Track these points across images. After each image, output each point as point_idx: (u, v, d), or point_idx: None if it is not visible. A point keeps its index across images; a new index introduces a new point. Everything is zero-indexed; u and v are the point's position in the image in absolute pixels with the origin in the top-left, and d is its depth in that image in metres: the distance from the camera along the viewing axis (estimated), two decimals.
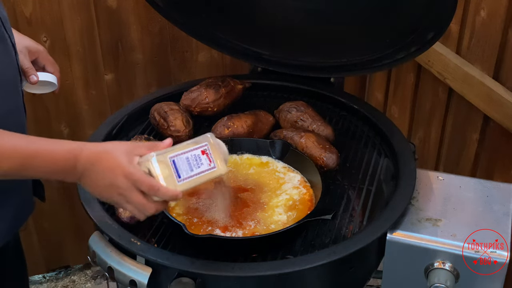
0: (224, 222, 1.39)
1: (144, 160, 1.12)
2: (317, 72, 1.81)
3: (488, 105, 1.88)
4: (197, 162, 1.19)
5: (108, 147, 1.12)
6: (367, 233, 1.31)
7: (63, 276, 2.65)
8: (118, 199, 1.11)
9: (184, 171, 1.17)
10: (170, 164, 1.14)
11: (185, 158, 1.18)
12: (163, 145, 1.15)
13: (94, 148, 1.11)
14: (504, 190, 1.45)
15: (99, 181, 1.10)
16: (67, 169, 1.11)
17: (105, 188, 1.11)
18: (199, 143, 1.22)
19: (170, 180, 1.14)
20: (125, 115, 1.70)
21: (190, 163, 1.18)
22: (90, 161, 1.10)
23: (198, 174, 1.19)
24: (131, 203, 1.11)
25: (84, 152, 1.10)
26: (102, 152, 1.10)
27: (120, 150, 1.10)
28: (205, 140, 1.23)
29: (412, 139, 2.32)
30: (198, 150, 1.21)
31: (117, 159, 1.09)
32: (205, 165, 1.21)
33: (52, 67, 1.55)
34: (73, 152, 1.10)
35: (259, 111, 1.73)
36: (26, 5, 2.07)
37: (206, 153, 1.21)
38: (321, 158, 1.53)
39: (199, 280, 1.22)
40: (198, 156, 1.20)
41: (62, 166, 1.11)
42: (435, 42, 1.51)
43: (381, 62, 1.67)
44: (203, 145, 1.22)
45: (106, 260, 1.28)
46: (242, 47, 1.85)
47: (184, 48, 2.32)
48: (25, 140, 1.12)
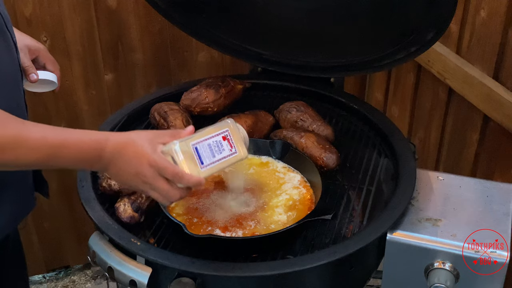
0: (224, 222, 1.39)
1: (168, 148, 1.14)
2: (317, 72, 1.81)
3: (488, 105, 1.88)
4: (219, 148, 1.22)
5: (133, 136, 1.14)
6: (367, 233, 1.31)
7: (63, 276, 2.65)
8: (143, 187, 1.14)
9: (206, 157, 1.19)
10: (193, 151, 1.17)
11: (207, 144, 1.20)
12: (185, 132, 1.18)
13: (119, 138, 1.14)
14: (504, 190, 1.45)
15: (125, 170, 1.13)
16: (94, 158, 1.12)
17: (131, 177, 1.13)
18: (220, 129, 1.24)
19: (193, 167, 1.16)
20: (125, 115, 1.70)
21: (212, 149, 1.21)
22: (115, 150, 1.12)
23: (220, 159, 1.22)
24: (157, 190, 1.13)
25: (110, 142, 1.12)
26: (127, 142, 1.12)
27: (144, 138, 1.13)
28: (226, 126, 1.25)
29: (412, 139, 2.32)
30: (219, 136, 1.23)
31: (142, 148, 1.11)
32: (226, 151, 1.23)
33: (52, 65, 1.56)
34: (99, 142, 1.12)
35: (259, 111, 1.73)
36: (26, 5, 2.07)
37: (227, 139, 1.24)
38: (321, 158, 1.53)
39: (199, 280, 1.22)
40: (219, 142, 1.22)
41: (89, 156, 1.12)
42: (435, 42, 1.51)
43: (381, 62, 1.67)
44: (224, 131, 1.24)
45: (106, 260, 1.28)
46: (242, 47, 1.85)
47: (184, 48, 2.32)
48: (52, 131, 1.13)
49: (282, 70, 1.84)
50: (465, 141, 2.06)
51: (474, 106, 1.95)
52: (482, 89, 1.89)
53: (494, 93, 1.84)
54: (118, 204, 1.41)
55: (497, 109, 1.84)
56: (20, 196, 1.39)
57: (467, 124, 2.04)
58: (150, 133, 1.16)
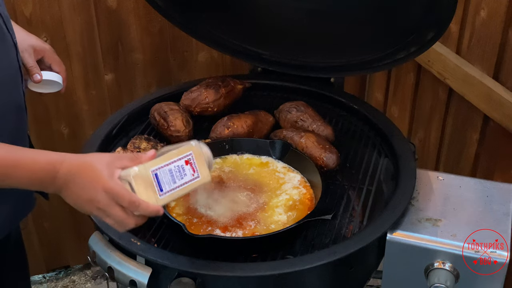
0: (224, 222, 1.39)
1: (126, 174, 1.10)
2: (317, 72, 1.81)
3: (488, 105, 1.88)
4: (180, 174, 1.17)
5: (89, 159, 1.09)
6: (367, 233, 1.31)
7: (63, 276, 2.65)
8: (97, 213, 1.10)
9: (166, 184, 1.15)
10: (152, 178, 1.12)
11: (168, 170, 1.15)
12: (146, 157, 1.13)
13: (75, 160, 1.09)
14: (504, 190, 1.44)
15: (79, 194, 1.08)
16: (47, 180, 1.09)
17: (85, 202, 1.09)
18: (183, 152, 1.19)
19: (151, 194, 1.12)
20: (125, 115, 1.70)
21: (173, 175, 1.16)
22: (70, 173, 1.08)
23: (181, 185, 1.17)
24: (111, 217, 1.09)
25: (65, 164, 1.08)
26: (82, 164, 1.08)
27: (102, 162, 1.08)
28: (189, 148, 1.20)
29: (412, 139, 2.32)
30: (182, 160, 1.18)
31: (98, 172, 1.07)
32: (188, 176, 1.18)
33: (58, 66, 1.55)
34: (53, 163, 1.08)
35: (259, 111, 1.73)
36: (26, 5, 2.07)
37: (190, 163, 1.19)
38: (321, 158, 1.53)
39: (199, 280, 1.22)
40: (181, 167, 1.17)
41: (42, 177, 1.09)
42: (435, 42, 1.51)
43: (381, 62, 1.67)
44: (187, 155, 1.19)
45: (106, 260, 1.28)
46: (242, 47, 1.85)
47: (184, 48, 2.32)
48: (5, 150, 1.10)
49: (282, 70, 1.84)
50: (465, 141, 2.06)
51: (474, 106, 1.95)
52: (482, 89, 1.89)
53: (494, 93, 1.84)
54: None
55: (497, 109, 1.84)
56: (19, 197, 1.38)
57: (467, 124, 2.04)
58: (109, 156, 1.11)
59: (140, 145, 1.59)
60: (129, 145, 1.60)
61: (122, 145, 1.62)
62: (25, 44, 1.46)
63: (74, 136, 2.34)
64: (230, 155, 1.60)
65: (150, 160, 1.13)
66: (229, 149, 1.60)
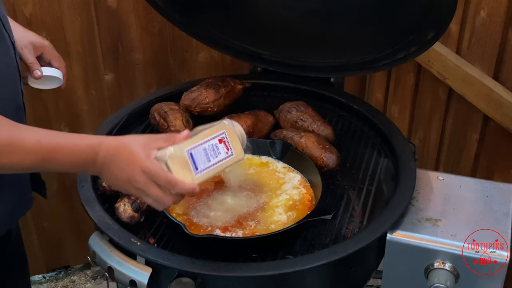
0: (224, 222, 1.39)
1: (162, 154, 1.13)
2: (317, 72, 1.81)
3: (488, 105, 1.88)
4: (214, 152, 1.20)
5: (127, 141, 1.13)
6: (367, 233, 1.32)
7: (63, 276, 2.65)
8: (136, 192, 1.13)
9: (201, 162, 1.17)
10: (187, 157, 1.15)
11: (203, 149, 1.18)
12: (180, 136, 1.16)
13: (113, 142, 1.13)
14: (504, 190, 1.45)
15: (118, 175, 1.12)
16: (87, 162, 1.12)
17: (123, 182, 1.12)
18: (217, 131, 1.22)
19: (187, 173, 1.15)
20: (125, 115, 1.70)
21: (207, 153, 1.19)
22: (109, 155, 1.11)
23: (216, 163, 1.20)
24: (150, 196, 1.13)
25: (103, 146, 1.11)
26: (120, 146, 1.11)
27: (138, 143, 1.12)
28: (223, 127, 1.23)
29: (412, 139, 2.32)
30: (216, 139, 1.21)
31: (135, 153, 1.10)
32: (222, 154, 1.21)
33: (58, 62, 1.56)
34: (92, 146, 1.12)
35: (259, 111, 1.73)
36: (26, 5, 2.07)
37: (223, 141, 1.22)
38: (321, 158, 1.53)
39: (199, 280, 1.22)
40: (215, 145, 1.20)
41: (82, 160, 1.12)
42: (435, 42, 1.51)
43: (381, 62, 1.67)
44: (221, 133, 1.22)
45: (106, 260, 1.28)
46: (242, 47, 1.85)
47: (184, 48, 2.32)
48: (46, 135, 1.12)
49: (282, 70, 1.84)
50: (465, 141, 2.06)
51: (474, 106, 1.95)
52: (482, 89, 1.89)
53: (494, 93, 1.84)
54: (118, 204, 1.41)
55: (497, 109, 1.84)
56: (16, 196, 1.39)
57: (467, 124, 2.04)
58: (145, 138, 1.14)
59: None
60: None
61: None
62: (24, 41, 1.46)
63: None
64: None
65: (184, 140, 1.16)
66: None
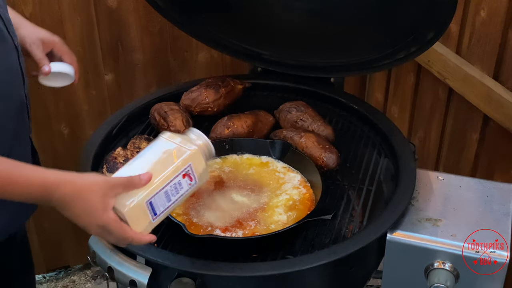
0: (224, 222, 1.39)
1: (120, 207, 1.10)
2: (317, 72, 1.81)
3: (488, 105, 1.88)
4: (176, 190, 1.16)
5: (85, 188, 1.09)
6: (367, 233, 1.31)
7: (63, 276, 2.65)
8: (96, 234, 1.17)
9: (161, 206, 1.14)
10: (146, 208, 1.13)
11: (164, 192, 1.14)
12: (141, 183, 1.12)
13: (70, 187, 1.08)
14: (504, 190, 1.44)
15: (75, 219, 1.11)
16: (41, 200, 1.10)
17: (81, 225, 1.12)
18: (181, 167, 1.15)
19: (144, 221, 1.13)
20: (125, 115, 1.70)
21: (168, 194, 1.15)
22: (64, 201, 1.09)
23: (176, 200, 1.17)
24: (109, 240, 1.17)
25: (59, 191, 1.08)
26: (77, 195, 1.08)
27: (96, 193, 1.08)
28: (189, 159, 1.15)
29: (412, 139, 2.32)
30: (180, 175, 1.15)
31: (92, 206, 1.08)
32: (185, 187, 1.17)
33: (69, 57, 1.52)
34: (47, 187, 1.08)
35: (259, 111, 1.73)
36: (26, 5, 2.07)
37: (187, 175, 1.16)
38: (321, 158, 1.53)
39: (199, 280, 1.22)
40: (178, 182, 1.16)
41: (35, 197, 1.10)
42: (435, 42, 1.51)
43: (381, 62, 1.67)
44: (186, 168, 1.15)
45: (106, 260, 1.28)
46: (242, 47, 1.85)
47: (184, 48, 2.32)
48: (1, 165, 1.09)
49: (282, 70, 1.84)
50: (465, 141, 2.06)
51: (474, 106, 1.95)
52: (482, 89, 1.89)
53: (494, 93, 1.84)
54: None
55: (497, 109, 1.84)
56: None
57: (467, 124, 2.04)
58: (103, 184, 1.09)
59: (140, 145, 1.59)
60: (129, 145, 1.60)
61: (122, 145, 1.62)
62: (33, 37, 1.44)
63: (74, 136, 2.35)
64: (230, 155, 1.60)
65: (145, 184, 1.12)
66: (229, 149, 1.60)
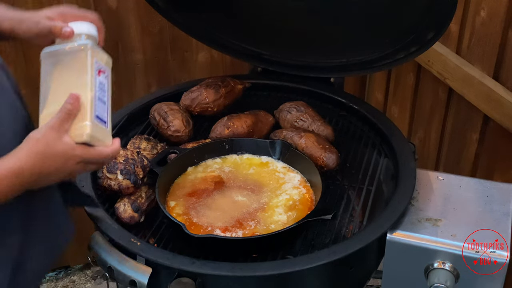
0: (224, 222, 1.39)
1: (77, 137, 1.09)
2: (317, 72, 1.81)
3: (488, 105, 1.88)
4: (103, 90, 1.13)
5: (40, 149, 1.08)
6: (367, 233, 1.31)
7: (63, 276, 2.65)
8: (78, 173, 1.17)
9: (103, 112, 1.13)
10: (97, 122, 1.11)
11: (98, 100, 1.12)
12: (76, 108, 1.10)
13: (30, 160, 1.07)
14: (504, 190, 1.45)
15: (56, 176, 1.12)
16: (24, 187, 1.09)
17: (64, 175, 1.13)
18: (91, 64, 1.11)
19: (104, 135, 1.13)
20: (125, 115, 1.70)
21: (101, 98, 1.13)
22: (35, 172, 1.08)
23: (108, 98, 1.15)
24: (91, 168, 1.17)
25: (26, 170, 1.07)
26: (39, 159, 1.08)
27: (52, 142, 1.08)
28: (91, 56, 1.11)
29: (412, 139, 2.32)
30: (96, 76, 1.12)
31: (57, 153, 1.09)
32: (106, 82, 1.14)
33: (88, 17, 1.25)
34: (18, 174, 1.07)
35: (259, 111, 1.73)
36: (26, 5, 2.07)
37: (101, 71, 1.14)
38: (321, 158, 1.53)
39: (199, 280, 1.22)
40: (100, 83, 1.13)
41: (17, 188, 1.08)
42: (435, 42, 1.51)
43: (381, 62, 1.67)
44: (95, 65, 1.12)
45: (106, 260, 1.28)
46: (242, 47, 1.85)
47: (184, 48, 2.32)
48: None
49: (282, 70, 1.84)
50: (465, 141, 2.06)
51: (474, 106, 1.95)
52: (482, 89, 1.89)
53: (494, 93, 1.84)
54: (118, 204, 1.41)
55: (497, 109, 1.84)
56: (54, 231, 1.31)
57: (467, 124, 2.04)
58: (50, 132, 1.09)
59: (140, 145, 1.59)
60: (129, 145, 1.60)
61: (122, 145, 1.62)
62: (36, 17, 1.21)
63: None
64: (230, 155, 1.60)
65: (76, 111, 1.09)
66: (229, 149, 1.60)
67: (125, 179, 1.42)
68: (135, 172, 1.44)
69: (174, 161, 1.52)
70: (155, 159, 1.50)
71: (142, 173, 1.46)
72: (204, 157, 1.58)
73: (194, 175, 1.53)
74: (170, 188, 1.49)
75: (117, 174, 1.43)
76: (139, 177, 1.44)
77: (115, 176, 1.43)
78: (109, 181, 1.43)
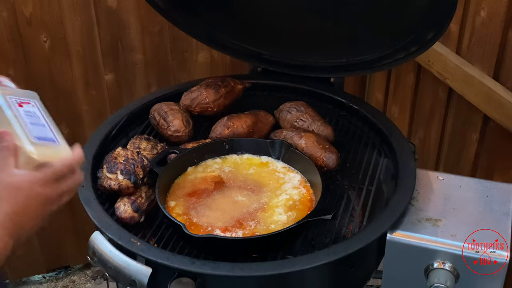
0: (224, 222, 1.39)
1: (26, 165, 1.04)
2: (317, 72, 1.81)
3: (488, 105, 1.88)
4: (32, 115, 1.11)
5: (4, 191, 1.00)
6: (367, 233, 1.31)
7: (63, 276, 2.65)
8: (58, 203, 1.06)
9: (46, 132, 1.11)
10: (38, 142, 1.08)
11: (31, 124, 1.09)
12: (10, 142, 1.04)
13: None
14: (504, 190, 1.45)
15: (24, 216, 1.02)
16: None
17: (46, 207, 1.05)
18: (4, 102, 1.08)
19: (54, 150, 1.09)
20: (125, 115, 1.70)
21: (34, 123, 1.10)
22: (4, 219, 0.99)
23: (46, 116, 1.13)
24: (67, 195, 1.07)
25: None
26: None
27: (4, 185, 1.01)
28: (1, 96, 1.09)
29: (412, 139, 2.32)
30: (18, 109, 1.09)
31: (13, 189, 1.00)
32: (33, 108, 1.13)
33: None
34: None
35: (259, 111, 1.73)
36: (26, 5, 2.07)
37: (21, 103, 1.11)
38: (321, 158, 1.53)
39: (199, 280, 1.22)
40: (26, 111, 1.10)
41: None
42: (435, 42, 1.51)
43: (381, 62, 1.67)
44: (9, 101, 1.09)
45: (106, 260, 1.28)
46: (242, 47, 1.85)
47: (184, 48, 2.32)
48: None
49: (282, 70, 1.84)
50: (465, 141, 2.06)
51: (474, 106, 1.95)
52: (482, 89, 1.89)
53: (494, 93, 1.84)
54: (118, 204, 1.41)
55: (497, 109, 1.84)
56: None
57: (467, 124, 2.04)
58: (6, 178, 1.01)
59: (140, 145, 1.59)
60: (129, 145, 1.60)
61: (122, 145, 1.62)
62: None
63: (74, 136, 2.34)
64: (230, 155, 1.60)
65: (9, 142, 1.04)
66: (229, 149, 1.60)
67: (125, 179, 1.43)
68: (135, 172, 1.44)
69: (174, 161, 1.52)
70: (155, 159, 1.51)
71: (142, 173, 1.46)
72: (204, 157, 1.58)
73: (194, 175, 1.54)
74: (170, 188, 1.49)
75: (117, 174, 1.43)
76: (139, 177, 1.44)
77: (115, 176, 1.43)
78: (109, 181, 1.43)
